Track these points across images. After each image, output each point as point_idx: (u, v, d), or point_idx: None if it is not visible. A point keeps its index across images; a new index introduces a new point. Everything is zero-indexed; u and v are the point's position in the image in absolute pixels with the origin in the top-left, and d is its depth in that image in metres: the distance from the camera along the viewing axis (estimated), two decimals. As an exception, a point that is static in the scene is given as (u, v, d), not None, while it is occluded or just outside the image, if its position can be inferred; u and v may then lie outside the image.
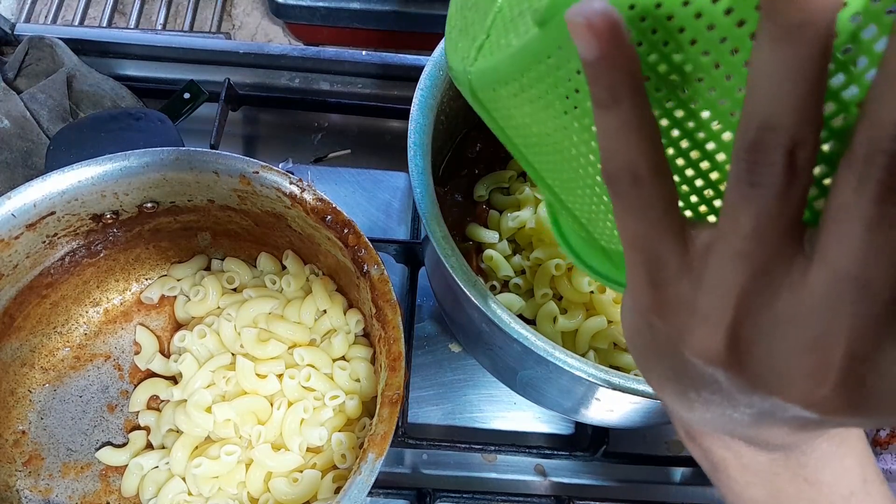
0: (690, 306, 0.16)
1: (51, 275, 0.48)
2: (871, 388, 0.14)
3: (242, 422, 0.46)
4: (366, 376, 0.47)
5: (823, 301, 0.14)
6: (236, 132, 0.65)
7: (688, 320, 0.17)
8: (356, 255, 0.43)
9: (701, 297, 0.16)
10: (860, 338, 0.14)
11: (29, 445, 0.48)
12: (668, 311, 0.17)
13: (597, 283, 0.45)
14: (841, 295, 0.14)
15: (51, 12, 0.75)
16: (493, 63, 0.20)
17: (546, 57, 0.18)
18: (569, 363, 0.35)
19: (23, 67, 0.58)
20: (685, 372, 0.18)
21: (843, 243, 0.13)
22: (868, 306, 0.13)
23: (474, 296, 0.36)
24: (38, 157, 0.54)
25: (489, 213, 0.50)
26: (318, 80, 0.65)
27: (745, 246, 0.15)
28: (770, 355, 0.15)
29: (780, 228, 0.14)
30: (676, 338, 0.17)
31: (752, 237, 0.15)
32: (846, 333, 0.14)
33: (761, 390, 0.16)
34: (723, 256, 0.15)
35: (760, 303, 0.15)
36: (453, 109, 0.47)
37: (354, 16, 0.70)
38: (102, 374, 0.51)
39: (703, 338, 0.16)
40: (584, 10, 0.14)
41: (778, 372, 0.15)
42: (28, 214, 0.42)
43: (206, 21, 0.76)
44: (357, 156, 0.64)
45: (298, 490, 0.44)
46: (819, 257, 0.14)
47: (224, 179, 0.44)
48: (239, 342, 0.48)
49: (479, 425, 0.54)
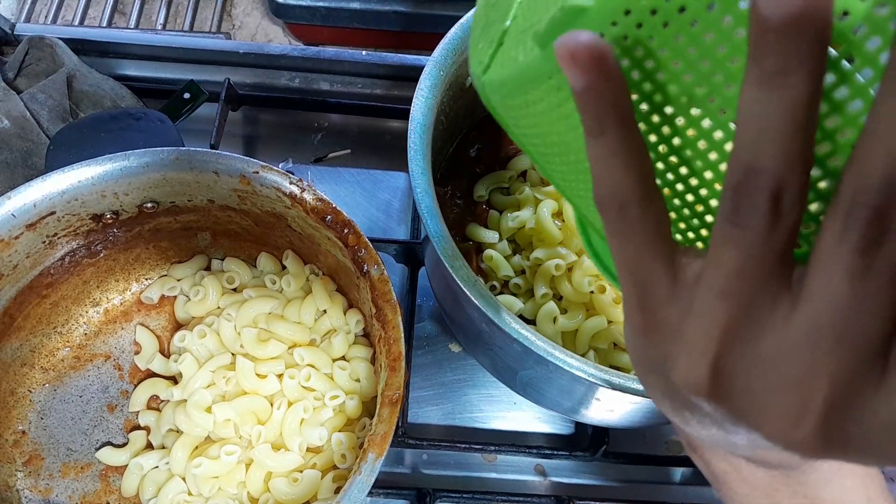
0: (677, 333, 0.16)
1: (51, 275, 0.48)
2: (849, 433, 0.14)
3: (242, 422, 0.46)
4: (366, 376, 0.47)
5: (804, 345, 0.14)
6: (236, 132, 0.65)
7: (673, 347, 0.17)
8: (356, 255, 0.43)
9: (687, 326, 0.16)
10: (839, 384, 0.14)
11: (29, 445, 0.48)
12: (655, 335, 0.17)
13: (597, 283, 0.45)
14: (820, 341, 0.14)
15: (51, 12, 0.75)
16: (503, 76, 0.20)
17: (548, 77, 0.18)
18: (569, 363, 0.35)
19: (23, 67, 0.58)
20: (677, 393, 0.18)
21: (824, 290, 0.13)
22: (846, 355, 0.13)
23: (474, 296, 0.36)
24: (38, 157, 0.54)
25: (489, 213, 0.50)
26: (318, 80, 0.65)
27: (729, 284, 0.15)
28: (750, 391, 0.15)
29: (765, 268, 0.14)
30: (664, 361, 0.17)
31: (737, 276, 0.15)
32: (826, 379, 0.14)
33: (745, 423, 0.16)
34: (709, 291, 0.15)
35: (744, 339, 0.15)
36: (453, 109, 0.47)
37: (354, 16, 0.70)
38: (102, 374, 0.51)
39: (687, 366, 0.16)
40: (570, 41, 0.14)
41: (757, 408, 0.15)
42: (28, 214, 0.42)
43: (206, 21, 0.76)
44: (357, 156, 0.64)
45: (298, 490, 0.44)
46: (803, 301, 0.14)
47: (224, 179, 0.44)
48: (239, 342, 0.48)
49: (479, 425, 0.54)
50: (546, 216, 0.46)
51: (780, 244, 0.14)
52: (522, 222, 0.47)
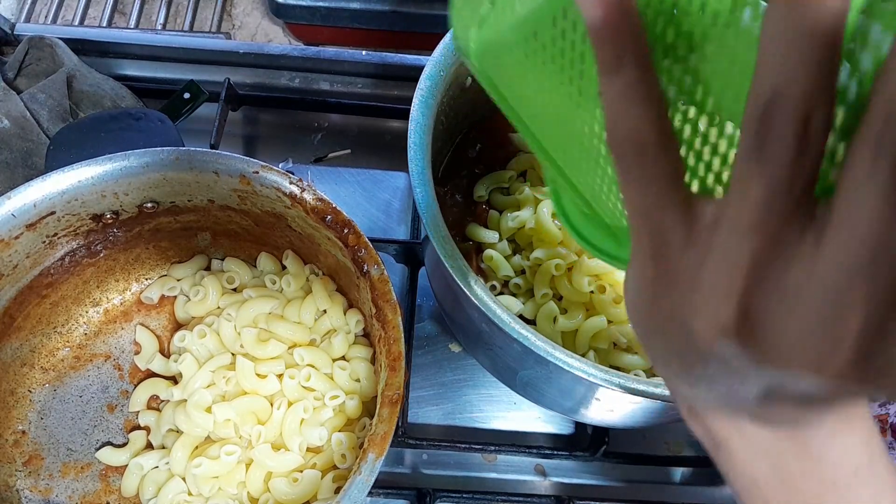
0: (697, 279, 0.16)
1: (51, 275, 0.48)
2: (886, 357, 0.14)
3: (242, 422, 0.46)
4: (366, 376, 0.47)
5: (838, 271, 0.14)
6: (236, 132, 0.65)
7: (694, 293, 0.16)
8: (356, 255, 0.43)
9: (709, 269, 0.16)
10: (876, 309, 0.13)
11: (29, 445, 0.48)
12: (673, 284, 0.17)
13: (597, 283, 0.45)
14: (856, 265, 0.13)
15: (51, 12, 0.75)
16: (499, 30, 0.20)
17: (551, 23, 0.18)
18: (569, 363, 0.35)
19: (23, 67, 0.58)
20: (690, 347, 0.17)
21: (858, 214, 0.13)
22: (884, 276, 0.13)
23: (474, 296, 0.36)
24: (38, 157, 0.54)
25: (489, 213, 0.50)
26: (318, 80, 0.65)
27: (755, 216, 0.14)
28: (783, 326, 0.15)
29: (792, 199, 0.14)
30: (682, 311, 0.17)
31: (763, 208, 0.14)
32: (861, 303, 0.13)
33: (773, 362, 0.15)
34: (732, 227, 0.15)
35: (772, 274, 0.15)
36: (453, 109, 0.47)
37: (354, 16, 0.70)
38: (102, 374, 0.51)
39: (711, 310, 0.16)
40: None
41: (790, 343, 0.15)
42: (28, 214, 0.42)
43: (206, 21, 0.76)
44: (357, 156, 0.64)
45: (298, 490, 0.44)
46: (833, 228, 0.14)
47: (224, 179, 0.44)
48: (239, 342, 0.48)
49: (479, 425, 0.54)
50: (546, 216, 0.46)
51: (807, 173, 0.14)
52: (522, 222, 0.47)
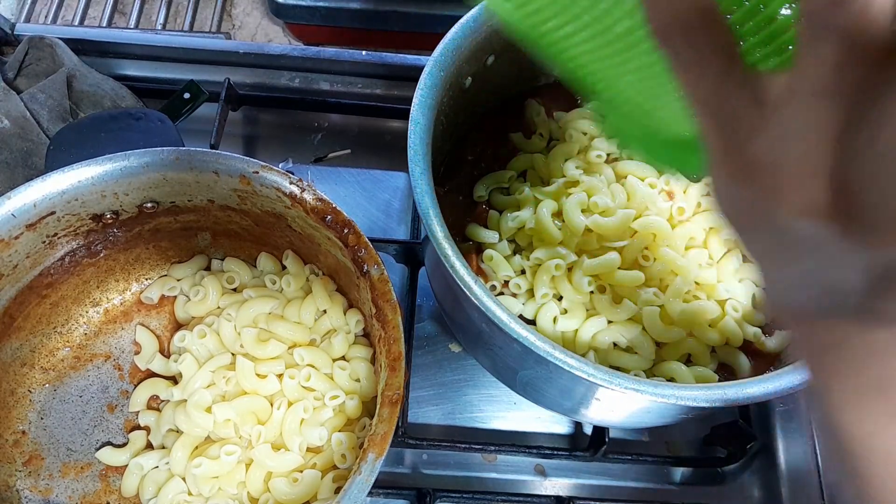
0: (777, 162, 0.15)
1: (51, 275, 0.48)
2: None
3: (242, 422, 0.46)
4: (366, 376, 0.47)
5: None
6: (236, 132, 0.65)
7: (778, 178, 0.15)
8: (356, 255, 0.43)
9: (790, 148, 0.14)
10: None
11: (29, 445, 0.48)
12: (753, 174, 0.15)
13: (597, 283, 0.45)
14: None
15: (51, 12, 0.75)
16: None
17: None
18: (569, 363, 0.35)
19: (23, 67, 0.58)
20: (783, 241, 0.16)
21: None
22: None
23: (474, 296, 0.36)
24: (38, 157, 0.54)
25: (489, 213, 0.50)
26: (318, 80, 0.65)
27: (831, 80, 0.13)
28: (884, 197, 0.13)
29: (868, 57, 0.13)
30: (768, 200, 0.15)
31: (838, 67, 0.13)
32: None
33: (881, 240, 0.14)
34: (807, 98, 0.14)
35: (862, 140, 0.13)
36: (453, 109, 0.47)
37: (354, 16, 0.70)
38: (102, 374, 0.51)
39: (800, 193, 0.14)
40: None
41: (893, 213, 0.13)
42: (28, 214, 0.42)
43: (206, 21, 0.76)
44: (357, 156, 0.65)
45: (298, 490, 0.44)
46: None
47: (224, 179, 0.44)
48: (239, 342, 0.48)
49: (479, 425, 0.54)
50: (546, 216, 0.46)
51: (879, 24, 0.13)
52: (522, 222, 0.47)
